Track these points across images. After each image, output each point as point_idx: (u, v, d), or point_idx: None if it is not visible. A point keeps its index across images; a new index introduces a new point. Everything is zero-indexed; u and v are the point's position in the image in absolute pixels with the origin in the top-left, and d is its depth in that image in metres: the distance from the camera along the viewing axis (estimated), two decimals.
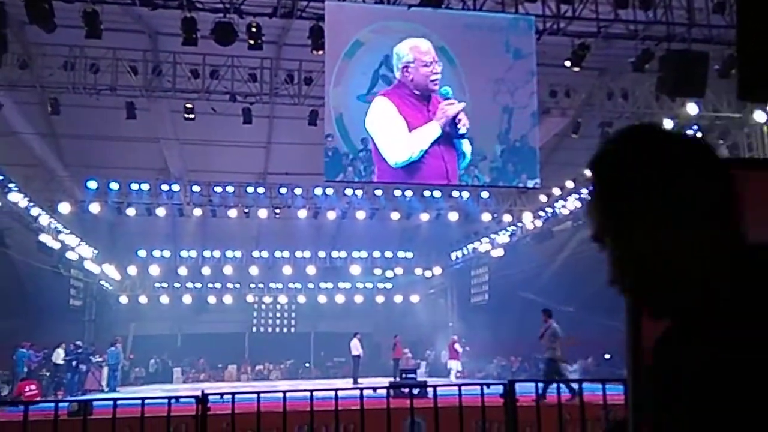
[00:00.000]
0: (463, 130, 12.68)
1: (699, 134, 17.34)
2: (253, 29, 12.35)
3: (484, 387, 7.20)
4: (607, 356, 23.22)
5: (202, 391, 6.65)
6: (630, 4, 12.86)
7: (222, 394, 7.15)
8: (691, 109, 16.47)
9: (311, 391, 6.99)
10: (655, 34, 13.37)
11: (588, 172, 1.27)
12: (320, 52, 12.46)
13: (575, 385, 7.92)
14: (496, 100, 13.01)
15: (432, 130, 12.73)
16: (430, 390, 8.70)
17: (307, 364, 33.24)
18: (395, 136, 12.60)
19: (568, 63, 13.76)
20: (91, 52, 15.04)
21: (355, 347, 22.15)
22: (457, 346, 22.58)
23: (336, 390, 7.05)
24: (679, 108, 16.91)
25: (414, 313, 33.31)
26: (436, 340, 30.04)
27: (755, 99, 1.90)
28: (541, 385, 8.15)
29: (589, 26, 13.36)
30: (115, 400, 6.97)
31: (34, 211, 20.98)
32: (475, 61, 12.83)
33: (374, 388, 7.88)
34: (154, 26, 16.55)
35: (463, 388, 7.46)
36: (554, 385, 7.53)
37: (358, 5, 12.33)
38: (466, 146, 12.98)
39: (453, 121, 12.65)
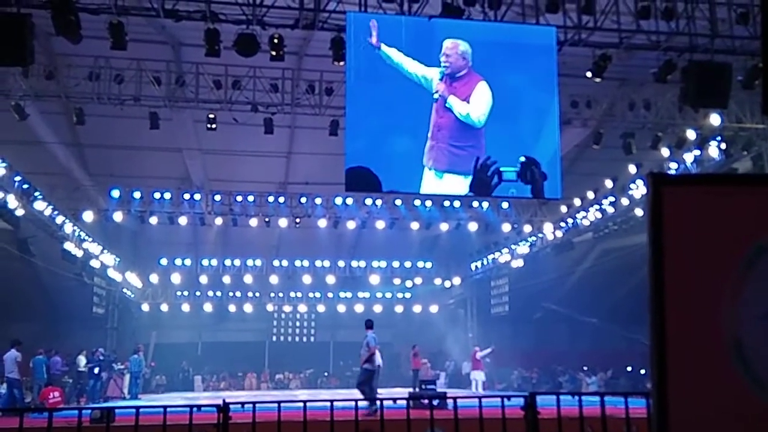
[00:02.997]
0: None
1: (723, 145, 17.24)
2: (275, 41, 12.45)
3: (505, 399, 7.16)
4: (629, 368, 22.99)
5: (224, 400, 6.69)
6: (652, 15, 12.79)
7: (243, 404, 7.19)
8: (714, 120, 16.32)
9: (331, 401, 7.00)
10: (678, 44, 13.27)
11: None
12: (341, 63, 12.53)
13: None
14: (517, 108, 12.97)
15: None
16: (449, 401, 8.69)
17: (326, 374, 33.22)
18: None
19: (589, 74, 13.70)
20: (116, 62, 15.27)
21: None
22: (479, 355, 22.45)
23: (356, 401, 7.05)
24: (702, 119, 16.76)
25: (433, 323, 33.18)
26: (455, 350, 29.91)
27: None
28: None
29: (610, 37, 13.30)
30: (137, 407, 7.03)
31: (59, 220, 21.28)
32: (497, 70, 12.80)
33: (394, 399, 7.87)
34: (177, 37, 16.79)
35: (483, 400, 7.43)
36: (569, 397, 7.46)
37: (378, 16, 12.37)
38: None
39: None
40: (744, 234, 1.68)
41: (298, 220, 23.20)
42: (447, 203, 23.09)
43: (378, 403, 7.90)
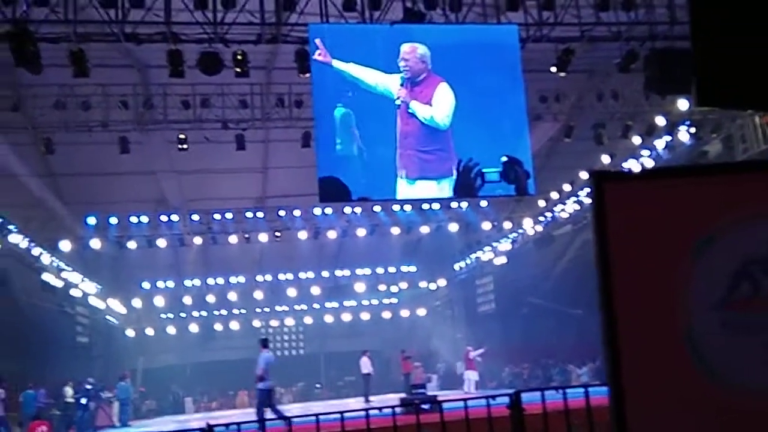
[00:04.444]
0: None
1: (692, 129, 17.44)
2: (239, 57, 12.43)
3: (490, 399, 7.18)
4: None
5: (207, 423, 6.63)
6: (612, 6, 12.93)
7: (227, 425, 7.13)
8: (682, 105, 16.51)
9: (317, 415, 6.97)
10: (639, 34, 13.43)
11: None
12: (307, 75, 12.53)
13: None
14: (483, 111, 13.01)
15: None
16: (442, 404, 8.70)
17: (318, 385, 33.07)
18: None
19: (554, 69, 13.81)
20: (81, 89, 15.12)
21: (365, 365, 22.06)
22: (472, 355, 22.49)
23: (342, 412, 7.02)
24: (670, 105, 16.95)
25: (422, 326, 33.21)
26: (446, 352, 29.92)
27: (715, 105, 1.92)
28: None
29: (572, 31, 13.42)
30: None
31: (36, 251, 21.03)
32: (460, 72, 12.84)
33: (380, 408, 7.86)
34: (142, 60, 16.65)
35: (469, 401, 7.44)
36: (554, 392, 7.49)
37: (340, 25, 12.39)
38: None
39: None
40: (690, 225, 1.70)
41: (278, 233, 23.11)
42: (426, 206, 23.13)
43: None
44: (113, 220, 21.63)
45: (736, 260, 1.67)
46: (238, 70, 12.57)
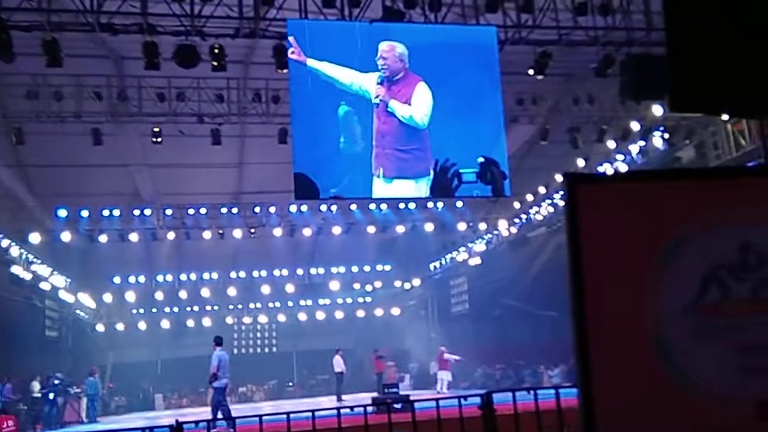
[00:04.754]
0: None
1: (666, 135, 17.66)
2: (216, 51, 12.32)
3: (462, 399, 7.20)
4: None
5: (176, 420, 6.56)
6: (589, 11, 13.04)
7: (197, 422, 7.06)
8: (656, 110, 16.71)
9: (288, 413, 6.93)
10: (616, 39, 13.56)
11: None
12: (285, 71, 12.45)
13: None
14: (461, 111, 13.04)
15: None
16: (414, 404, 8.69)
17: (290, 384, 32.93)
18: None
19: (531, 71, 13.90)
20: (55, 79, 14.88)
21: (338, 364, 22.03)
22: (446, 356, 22.57)
23: (313, 411, 6.99)
24: (644, 110, 17.14)
25: (395, 325, 33.23)
26: (419, 351, 29.98)
27: (687, 110, 1.92)
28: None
29: (550, 34, 13.51)
30: None
31: (4, 243, 20.66)
32: (438, 73, 12.86)
33: (351, 407, 7.84)
34: (118, 51, 16.42)
35: (441, 400, 7.45)
36: (525, 392, 7.54)
37: (319, 22, 12.33)
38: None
39: None
40: (660, 228, 1.70)
41: (252, 230, 22.97)
42: (402, 206, 23.15)
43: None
44: (84, 213, 21.29)
45: (705, 264, 1.67)
46: (215, 63, 12.46)
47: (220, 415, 11.92)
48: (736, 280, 1.67)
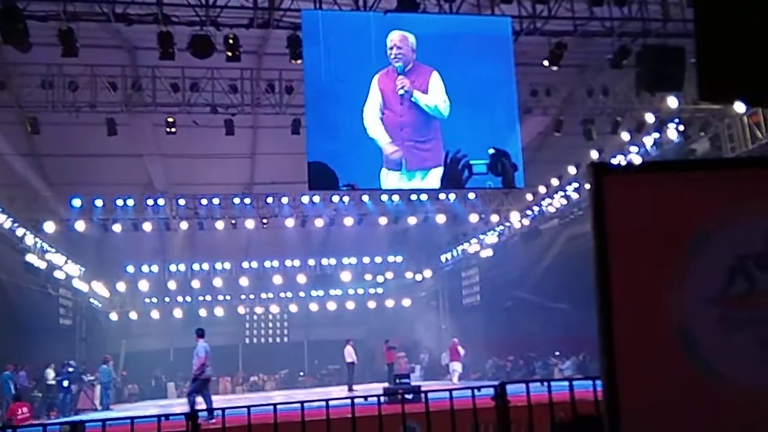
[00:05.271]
0: None
1: (681, 127, 17.52)
2: (231, 41, 12.32)
3: (475, 390, 7.20)
4: None
5: (192, 407, 6.60)
6: (605, 2, 12.93)
7: (211, 410, 7.10)
8: (672, 102, 16.57)
9: (302, 402, 6.96)
10: (631, 30, 13.44)
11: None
12: (299, 62, 12.44)
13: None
14: (473, 102, 12.97)
15: None
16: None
17: (302, 373, 33.09)
18: None
19: (546, 62, 13.81)
20: (70, 69, 14.95)
21: (349, 354, 22.10)
22: (460, 348, 22.62)
23: (327, 400, 7.02)
24: (659, 102, 17.02)
25: (406, 316, 33.28)
26: (430, 342, 30.02)
27: (717, 100, 1.91)
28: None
29: (565, 25, 13.42)
30: (104, 420, 6.91)
31: (19, 232, 20.82)
32: (448, 63, 12.79)
33: (365, 397, 7.86)
34: (132, 41, 16.49)
35: (455, 391, 7.46)
36: (538, 384, 7.53)
37: (333, 12, 12.31)
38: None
39: None
40: (687, 220, 1.69)
41: (265, 220, 23.04)
42: (414, 197, 23.13)
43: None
44: (98, 203, 21.45)
45: (732, 256, 1.66)
46: (230, 54, 12.47)
47: (202, 404, 11.94)
48: (763, 271, 1.66)
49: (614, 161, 18.74)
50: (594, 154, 19.22)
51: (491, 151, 12.62)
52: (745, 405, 1.60)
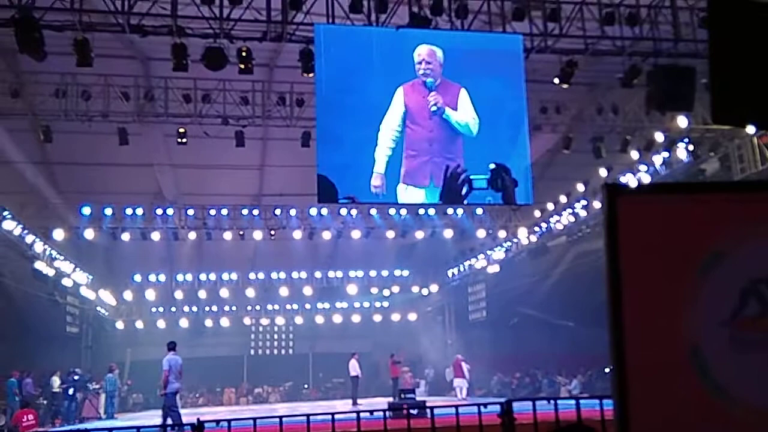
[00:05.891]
0: None
1: (690, 146, 17.49)
2: (244, 54, 12.42)
3: (481, 407, 7.18)
4: (606, 370, 23.16)
5: (198, 419, 6.61)
6: (616, 21, 12.97)
7: (218, 421, 7.11)
8: (681, 122, 16.56)
9: (308, 415, 6.96)
10: (642, 49, 13.47)
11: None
12: (311, 75, 12.52)
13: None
14: (490, 115, 12.97)
15: None
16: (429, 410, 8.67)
17: (306, 386, 33.00)
18: None
19: (557, 80, 13.84)
20: (83, 78, 15.10)
21: (354, 368, 22.05)
22: (464, 365, 22.53)
23: (333, 414, 7.01)
24: (669, 121, 17.01)
25: (412, 331, 33.18)
26: (435, 358, 29.91)
27: (730, 123, 1.93)
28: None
29: (576, 43, 13.46)
30: (110, 429, 6.92)
31: (29, 239, 20.93)
32: (468, 77, 12.81)
33: (371, 411, 7.85)
34: (145, 52, 16.64)
35: (461, 407, 7.44)
36: (545, 402, 7.50)
37: (345, 27, 12.39)
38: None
39: None
40: (700, 241, 1.70)
41: (273, 232, 23.09)
42: (422, 211, 23.15)
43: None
44: (108, 211, 21.56)
45: (744, 278, 1.67)
46: (242, 66, 12.56)
47: (170, 421, 11.97)
48: None
49: (623, 180, 18.73)
50: (603, 172, 19.21)
51: (492, 166, 12.56)
52: (755, 426, 1.60)
